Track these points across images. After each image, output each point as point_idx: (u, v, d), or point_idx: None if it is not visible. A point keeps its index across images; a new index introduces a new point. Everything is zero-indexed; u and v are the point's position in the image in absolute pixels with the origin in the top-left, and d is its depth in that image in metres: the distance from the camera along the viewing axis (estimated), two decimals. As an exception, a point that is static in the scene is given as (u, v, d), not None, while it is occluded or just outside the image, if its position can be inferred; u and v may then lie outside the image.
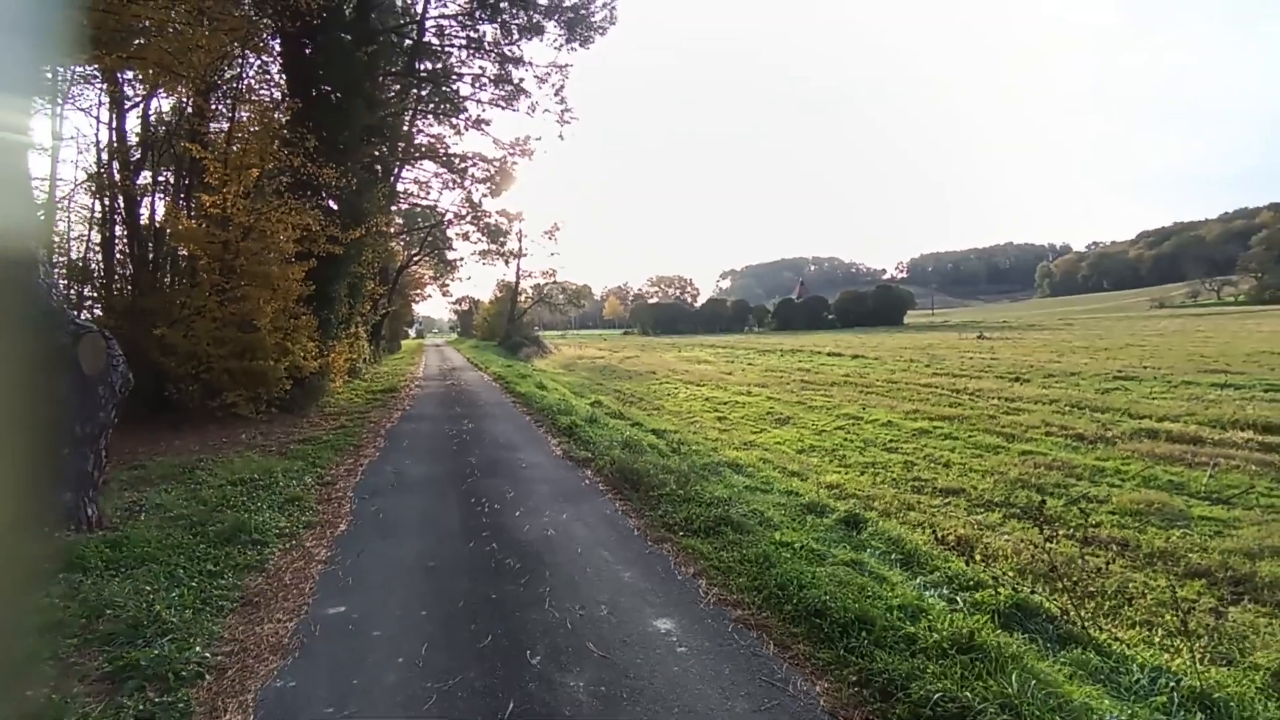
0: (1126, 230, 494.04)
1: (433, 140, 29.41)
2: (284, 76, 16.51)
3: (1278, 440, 11.06)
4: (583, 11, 23.92)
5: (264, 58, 16.87)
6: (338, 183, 15.50)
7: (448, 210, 36.12)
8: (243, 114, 15.23)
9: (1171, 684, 4.47)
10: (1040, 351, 31.30)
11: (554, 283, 56.15)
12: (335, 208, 16.89)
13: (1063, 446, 11.42)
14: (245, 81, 16.47)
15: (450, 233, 39.53)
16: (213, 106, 15.32)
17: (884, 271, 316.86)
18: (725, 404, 18.29)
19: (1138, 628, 5.78)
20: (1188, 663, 4.96)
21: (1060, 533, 7.51)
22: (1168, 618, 5.82)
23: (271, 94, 17.49)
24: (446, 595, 5.52)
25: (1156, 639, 5.55)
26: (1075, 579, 6.37)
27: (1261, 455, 10.29)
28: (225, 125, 15.30)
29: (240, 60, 15.82)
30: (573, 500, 8.35)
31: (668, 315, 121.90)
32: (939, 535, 7.36)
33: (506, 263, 49.29)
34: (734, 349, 48.79)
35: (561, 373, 30.96)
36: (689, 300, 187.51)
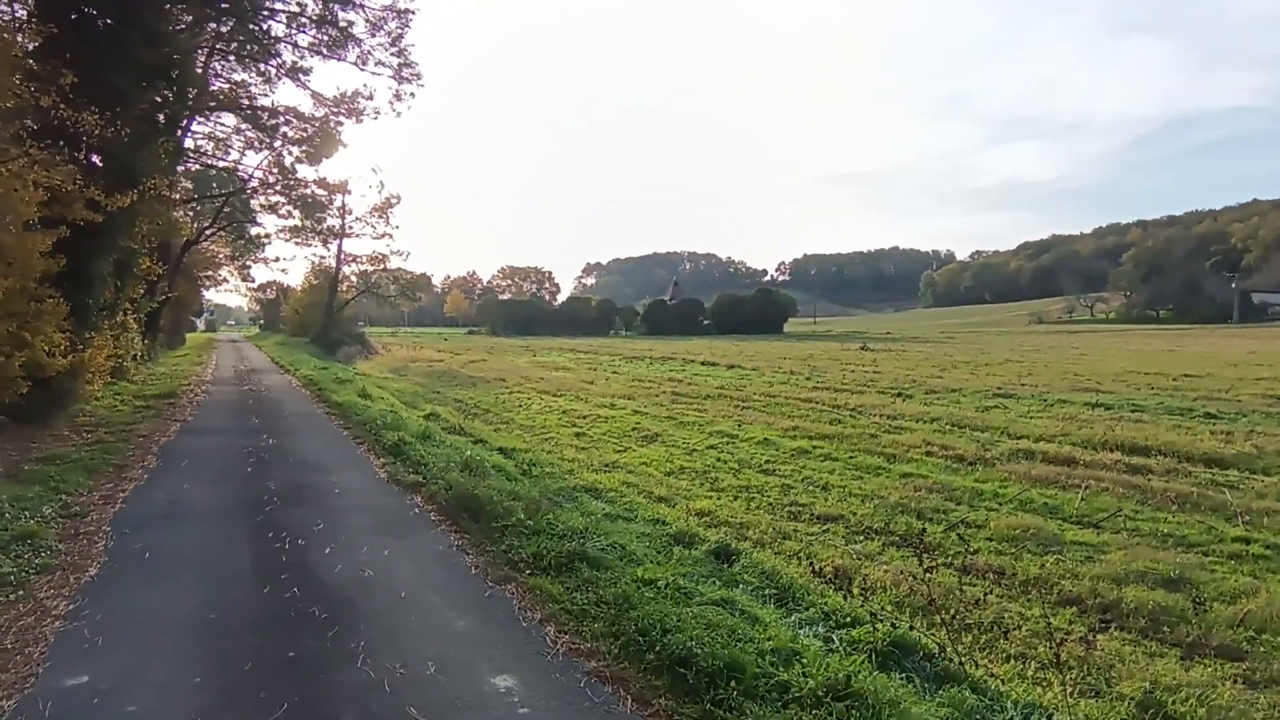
0: (1007, 240, 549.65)
1: (234, 88, 27.38)
2: (31, -9, 14.81)
3: (1142, 462, 12.53)
4: (428, -49, 23.24)
5: (3, -36, 15.07)
6: (103, 132, 14.05)
7: (251, 175, 33.64)
8: (-31, 33, 13.45)
9: (1044, 720, 4.87)
10: (923, 366, 33.33)
11: (384, 270, 53.46)
12: (99, 164, 15.33)
13: (943, 468, 12.29)
14: (-26, -8, 14.63)
15: (254, 203, 36.68)
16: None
17: (765, 273, 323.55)
18: (585, 418, 18.13)
19: (1013, 661, 6.28)
20: (1059, 697, 5.44)
21: (939, 561, 8.00)
22: (1041, 649, 6.37)
23: (13, 11, 15.63)
24: (230, 656, 5.08)
25: (1030, 672, 6.06)
26: (953, 611, 6.84)
27: (1128, 477, 11.60)
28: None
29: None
30: (398, 533, 8.00)
31: (522, 313, 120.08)
32: (816, 567, 7.67)
33: (325, 244, 46.65)
34: (598, 354, 48.48)
35: (391, 378, 29.54)
36: (547, 297, 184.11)
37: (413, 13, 24.31)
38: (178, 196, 28.38)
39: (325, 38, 24.37)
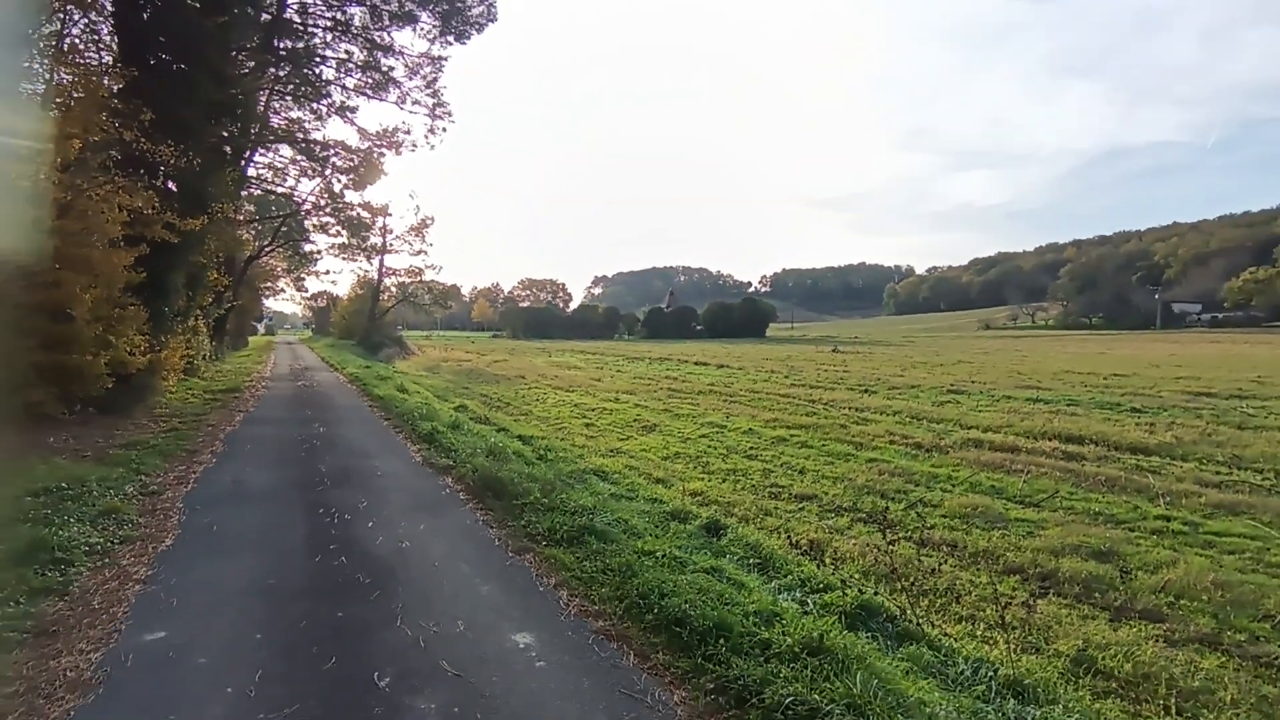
0: (960, 256, 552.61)
1: (290, 124, 27.43)
2: (116, 39, 14.81)
3: (1077, 449, 12.50)
4: (459, 4, 23.23)
5: (92, 15, 15.07)
6: (178, 162, 14.07)
7: (305, 199, 33.82)
8: (64, 76, 13.48)
9: (990, 673, 4.87)
10: (886, 366, 33.23)
11: (420, 282, 53.01)
12: (174, 190, 15.32)
13: (903, 454, 12.24)
14: (67, 40, 14.63)
15: (307, 223, 36.89)
16: (24, 64, 13.44)
17: (750, 285, 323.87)
18: (594, 410, 18.08)
19: (964, 622, 6.27)
20: (1004, 653, 5.43)
21: (900, 536, 8.00)
22: (988, 612, 6.36)
23: (100, 58, 15.63)
24: (286, 617, 5.08)
25: (979, 632, 6.05)
26: (912, 579, 6.83)
27: (1064, 463, 11.57)
28: (40, 87, 13.48)
29: (62, 15, 14.03)
30: (431, 510, 7.96)
31: (539, 319, 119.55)
32: (793, 540, 7.67)
33: (369, 259, 46.62)
34: (604, 355, 48.45)
35: (425, 375, 29.40)
36: (561, 305, 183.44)
37: (445, 59, 24.34)
38: (241, 218, 28.39)
39: (370, 81, 24.39)
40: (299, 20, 22.88)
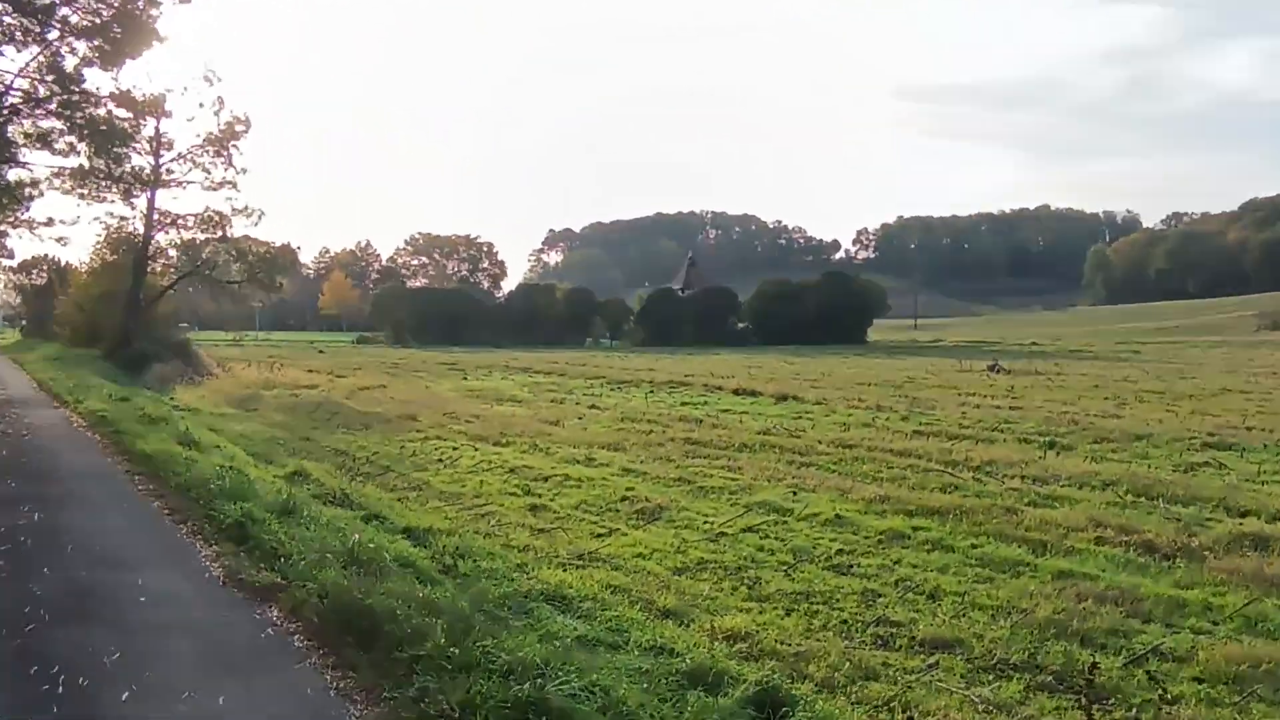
0: (1222, 197, 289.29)
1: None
2: None
3: None
4: None
5: None
6: None
7: (9, 86, 20.42)
8: None
9: None
10: (1090, 397, 22.00)
11: (223, 240, 31.54)
12: None
13: (1122, 563, 7.74)
14: None
15: (11, 132, 22.48)
16: None
17: (835, 246, 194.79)
18: (546, 481, 11.73)
19: None
20: None
21: (1119, 717, 4.56)
22: None
23: None
24: None
25: None
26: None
27: None
28: None
29: None
30: (242, 670, 4.64)
31: (445, 310, 71.42)
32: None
33: (128, 197, 28.02)
34: (567, 377, 30.80)
35: (233, 415, 19.02)
36: (487, 284, 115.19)
37: None
38: None
39: None
40: None
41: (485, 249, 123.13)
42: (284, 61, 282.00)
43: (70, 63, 19.62)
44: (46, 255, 51.39)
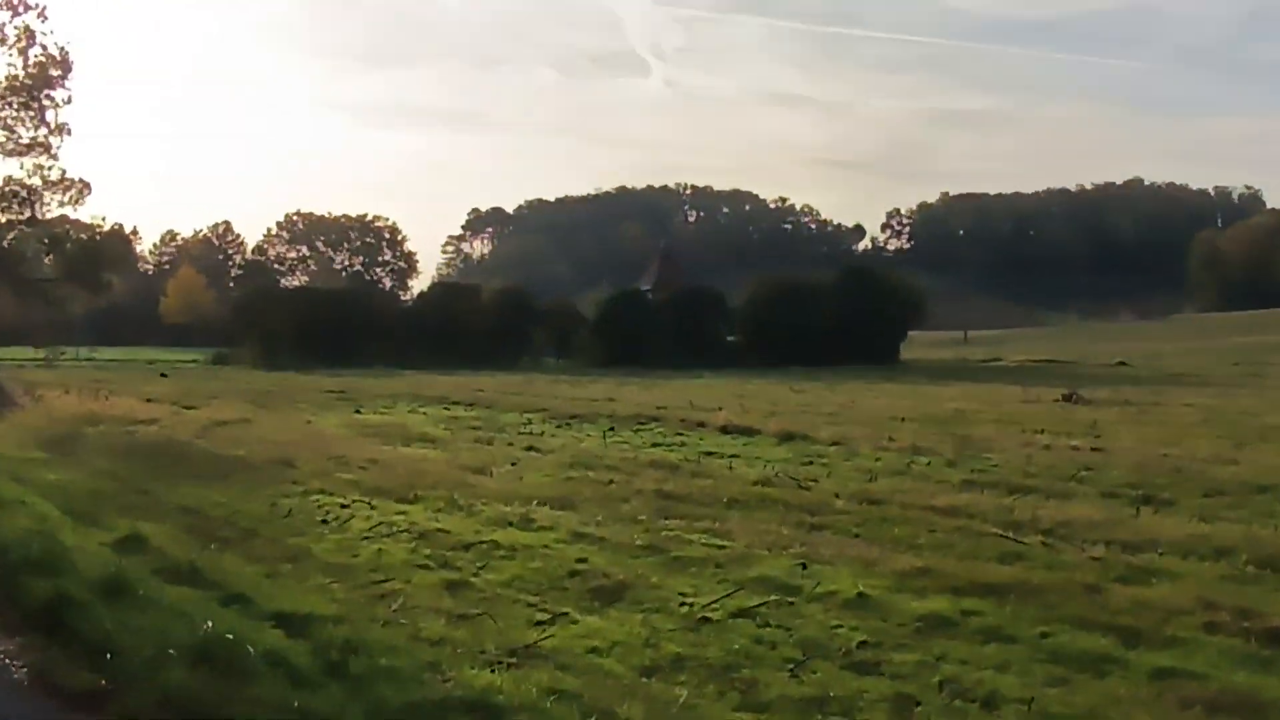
0: None
1: None
2: None
3: None
4: None
5: None
6: None
7: None
8: None
9: None
10: (1198, 436, 17.70)
11: (30, 223, 24.76)
12: None
13: (1240, 658, 5.82)
14: None
15: None
16: None
17: (859, 233, 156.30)
18: (469, 549, 9.34)
19: None
20: None
21: None
22: None
23: None
24: None
25: None
26: None
27: None
28: None
29: None
30: None
31: (333, 318, 56.01)
32: None
33: None
34: (497, 409, 24.59)
35: (46, 459, 14.96)
36: (388, 283, 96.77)
37: None
38: None
39: None
40: None
41: (387, 235, 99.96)
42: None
43: None
44: None
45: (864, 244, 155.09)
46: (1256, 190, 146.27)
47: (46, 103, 21.87)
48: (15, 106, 21.52)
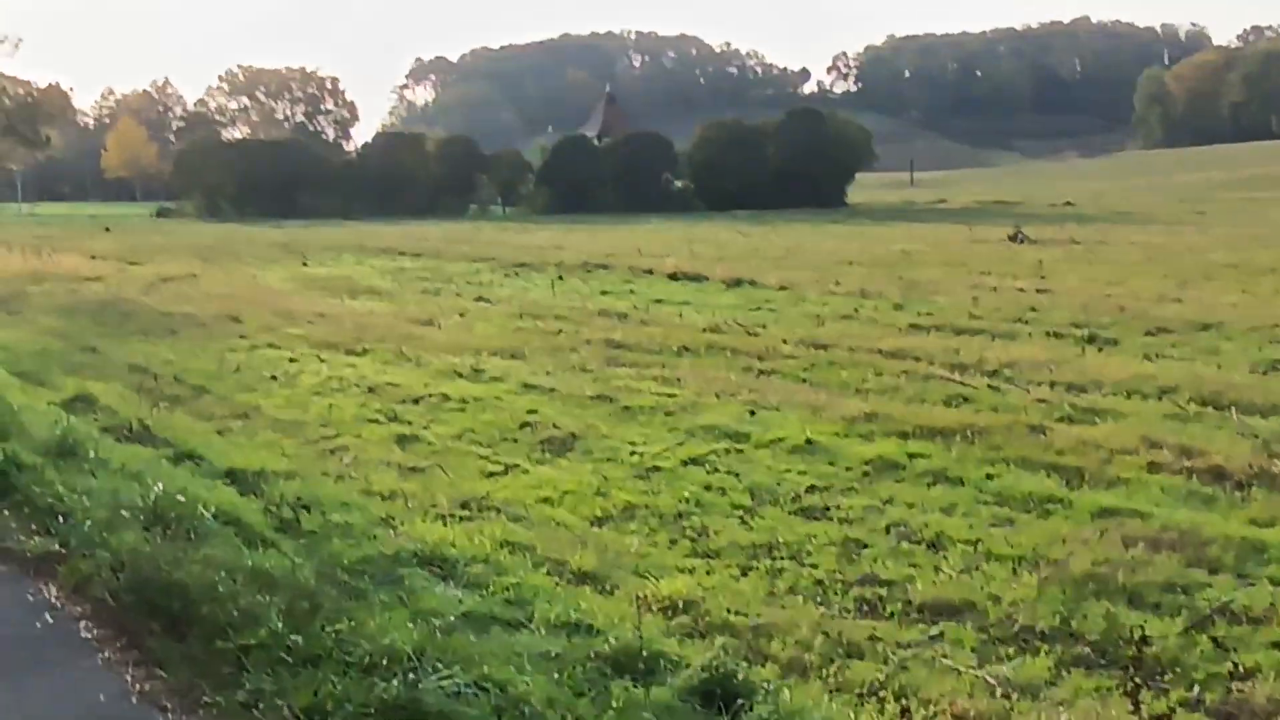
0: None
1: None
2: None
3: None
4: None
5: None
6: None
7: None
8: None
9: None
10: (1142, 275, 17.56)
11: None
12: None
13: (1182, 496, 6.05)
14: None
15: None
16: None
17: (804, 76, 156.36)
18: (419, 402, 9.23)
19: None
20: None
21: (1176, 701, 3.47)
22: None
23: None
24: None
25: None
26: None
27: None
28: None
29: None
30: (9, 671, 3.67)
31: (276, 171, 53.50)
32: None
33: None
34: (444, 259, 24.31)
35: None
36: (332, 134, 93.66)
37: None
38: None
39: None
40: None
41: (328, 85, 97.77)
42: None
43: None
44: None
45: (811, 87, 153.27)
46: (1202, 27, 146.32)
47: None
48: None
